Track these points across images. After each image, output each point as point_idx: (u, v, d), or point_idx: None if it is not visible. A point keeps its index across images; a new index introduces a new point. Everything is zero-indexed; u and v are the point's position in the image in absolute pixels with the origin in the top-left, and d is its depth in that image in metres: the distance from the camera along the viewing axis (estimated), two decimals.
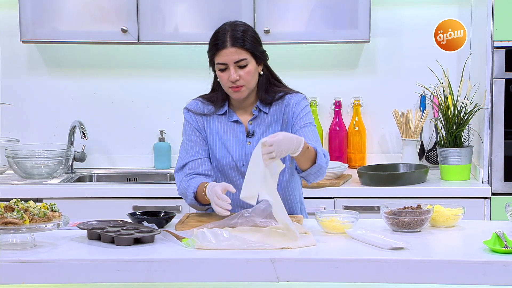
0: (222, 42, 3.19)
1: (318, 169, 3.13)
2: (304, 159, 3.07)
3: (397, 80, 4.68)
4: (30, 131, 4.74)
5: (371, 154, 4.71)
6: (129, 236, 2.82)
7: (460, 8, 4.58)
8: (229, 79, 3.19)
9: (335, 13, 4.33)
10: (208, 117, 3.32)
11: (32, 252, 2.74)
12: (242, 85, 3.20)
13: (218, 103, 3.32)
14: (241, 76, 3.19)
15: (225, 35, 3.20)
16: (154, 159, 4.70)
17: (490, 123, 4.17)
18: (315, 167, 3.11)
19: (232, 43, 3.18)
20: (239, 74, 3.19)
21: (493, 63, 4.14)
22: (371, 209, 4.07)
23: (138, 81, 4.73)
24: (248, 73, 3.19)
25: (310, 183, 3.22)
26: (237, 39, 3.18)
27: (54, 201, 3.03)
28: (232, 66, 3.18)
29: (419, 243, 2.82)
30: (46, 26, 4.38)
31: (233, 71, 3.18)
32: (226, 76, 3.20)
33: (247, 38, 3.20)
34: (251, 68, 3.20)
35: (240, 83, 3.20)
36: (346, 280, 2.65)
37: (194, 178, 3.25)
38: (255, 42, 3.22)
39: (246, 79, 3.20)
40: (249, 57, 3.20)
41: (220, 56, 3.19)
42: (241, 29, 3.21)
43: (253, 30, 3.26)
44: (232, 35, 3.19)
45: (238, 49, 3.17)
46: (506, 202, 3.10)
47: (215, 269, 2.65)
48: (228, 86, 3.21)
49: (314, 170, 3.13)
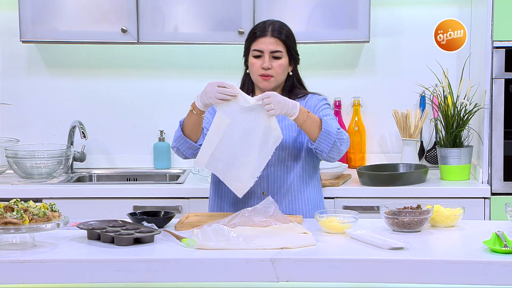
0: (263, 31, 3.34)
1: (326, 135, 3.17)
2: (307, 126, 3.15)
3: (397, 80, 4.68)
4: (30, 131, 4.74)
5: (371, 154, 4.71)
6: (129, 236, 2.82)
7: (460, 8, 4.58)
8: (261, 65, 3.32)
9: (335, 13, 4.33)
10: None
11: (32, 252, 2.74)
12: (271, 76, 3.33)
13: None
14: (273, 67, 3.33)
15: (267, 26, 3.35)
16: (154, 159, 4.70)
17: (490, 123, 4.17)
18: (322, 133, 3.16)
19: (272, 33, 3.34)
20: (271, 64, 3.32)
21: (493, 63, 4.14)
22: (371, 209, 4.07)
23: (138, 81, 4.73)
24: (280, 66, 3.34)
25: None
26: (278, 31, 3.35)
27: (54, 201, 3.04)
28: (268, 54, 3.32)
29: (419, 243, 2.82)
30: (46, 26, 4.38)
31: (267, 58, 3.32)
32: (259, 63, 3.33)
33: (287, 34, 3.37)
34: (284, 62, 3.36)
35: (271, 73, 3.33)
36: (346, 280, 2.65)
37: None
38: (293, 41, 3.40)
39: (277, 71, 3.34)
40: (285, 52, 3.36)
41: (258, 43, 3.33)
42: (283, 26, 3.38)
43: (292, 32, 3.41)
44: (273, 28, 3.35)
45: (277, 40, 3.34)
46: (506, 202, 3.10)
47: (215, 269, 2.65)
48: (259, 74, 3.33)
49: (323, 137, 3.17)
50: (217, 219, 3.06)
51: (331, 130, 3.18)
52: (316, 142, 3.18)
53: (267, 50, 3.32)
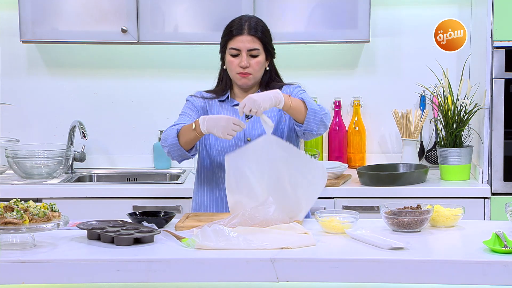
0: (240, 29, 3.36)
1: (313, 114, 3.22)
2: (294, 109, 3.19)
3: (397, 80, 4.68)
4: (30, 131, 4.74)
5: (371, 154, 4.71)
6: (129, 236, 2.82)
7: (460, 8, 4.58)
8: (239, 64, 3.35)
9: (335, 13, 4.33)
10: (210, 101, 3.46)
11: (32, 252, 2.74)
12: (249, 73, 3.37)
13: (220, 92, 3.46)
14: (251, 65, 3.36)
15: (243, 23, 3.37)
16: (154, 159, 4.70)
17: (490, 123, 4.17)
18: (309, 112, 3.21)
19: (249, 31, 3.36)
20: (249, 62, 3.35)
21: (493, 63, 4.14)
22: (371, 209, 4.06)
23: (138, 81, 4.73)
24: (257, 63, 3.37)
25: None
26: (254, 29, 3.36)
27: (54, 201, 3.03)
28: (245, 52, 3.35)
29: (419, 243, 2.82)
30: (46, 26, 4.38)
31: (245, 57, 3.35)
32: (236, 61, 3.36)
33: (263, 31, 3.39)
34: (261, 59, 3.38)
35: (249, 71, 3.36)
36: (346, 280, 2.65)
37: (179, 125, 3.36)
38: (269, 37, 3.42)
39: (254, 69, 3.37)
40: (261, 49, 3.38)
41: (235, 42, 3.36)
42: (258, 22, 3.40)
43: (267, 27, 3.43)
44: (249, 25, 3.37)
45: (254, 38, 3.36)
46: (506, 202, 3.10)
47: (215, 269, 2.65)
48: (237, 72, 3.37)
49: (311, 116, 3.22)
50: (217, 219, 3.07)
51: (315, 107, 3.24)
52: (305, 123, 3.23)
53: (244, 48, 3.35)
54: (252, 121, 3.39)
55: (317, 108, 3.24)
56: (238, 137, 3.37)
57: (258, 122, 3.37)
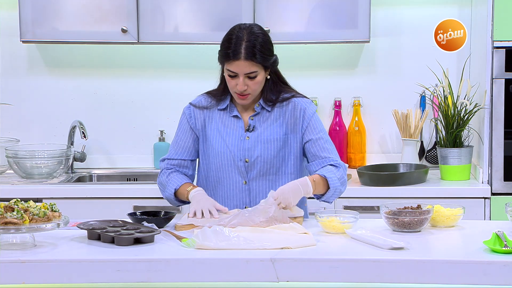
0: (236, 53, 3.16)
1: (333, 191, 3.23)
2: (317, 190, 3.20)
3: (397, 80, 4.68)
4: (30, 131, 4.74)
5: (371, 154, 4.71)
6: (129, 236, 2.82)
7: (460, 8, 4.58)
8: (237, 87, 3.20)
9: (335, 13, 4.33)
10: (210, 111, 3.34)
11: (32, 252, 2.74)
12: (248, 93, 3.23)
13: (219, 96, 3.33)
14: (249, 86, 3.21)
15: (240, 45, 3.16)
16: (154, 159, 4.70)
17: (490, 123, 4.17)
18: (330, 191, 3.22)
19: (246, 56, 3.16)
20: (247, 84, 3.20)
21: (493, 63, 4.14)
22: (371, 209, 4.07)
23: (138, 81, 4.73)
24: (256, 83, 3.22)
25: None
26: (252, 52, 3.16)
27: (54, 201, 3.03)
28: (242, 76, 3.19)
29: (419, 243, 2.82)
30: (46, 26, 4.38)
31: (242, 82, 3.19)
32: (234, 82, 3.21)
33: (262, 50, 3.19)
34: (260, 78, 3.22)
35: (248, 91, 3.22)
36: (346, 280, 2.65)
37: (175, 172, 3.33)
38: (268, 54, 3.22)
39: (253, 89, 3.22)
40: (260, 69, 3.21)
41: (232, 66, 3.18)
42: (257, 40, 3.18)
43: (267, 40, 3.24)
44: (247, 47, 3.16)
45: (251, 62, 3.16)
46: (506, 202, 3.10)
47: (215, 269, 2.65)
48: (235, 92, 3.23)
49: (331, 193, 3.23)
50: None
51: (335, 183, 3.20)
52: (324, 198, 3.25)
53: (241, 72, 3.17)
54: (251, 141, 3.28)
55: (336, 183, 3.20)
56: (237, 157, 3.26)
57: (257, 143, 3.27)
